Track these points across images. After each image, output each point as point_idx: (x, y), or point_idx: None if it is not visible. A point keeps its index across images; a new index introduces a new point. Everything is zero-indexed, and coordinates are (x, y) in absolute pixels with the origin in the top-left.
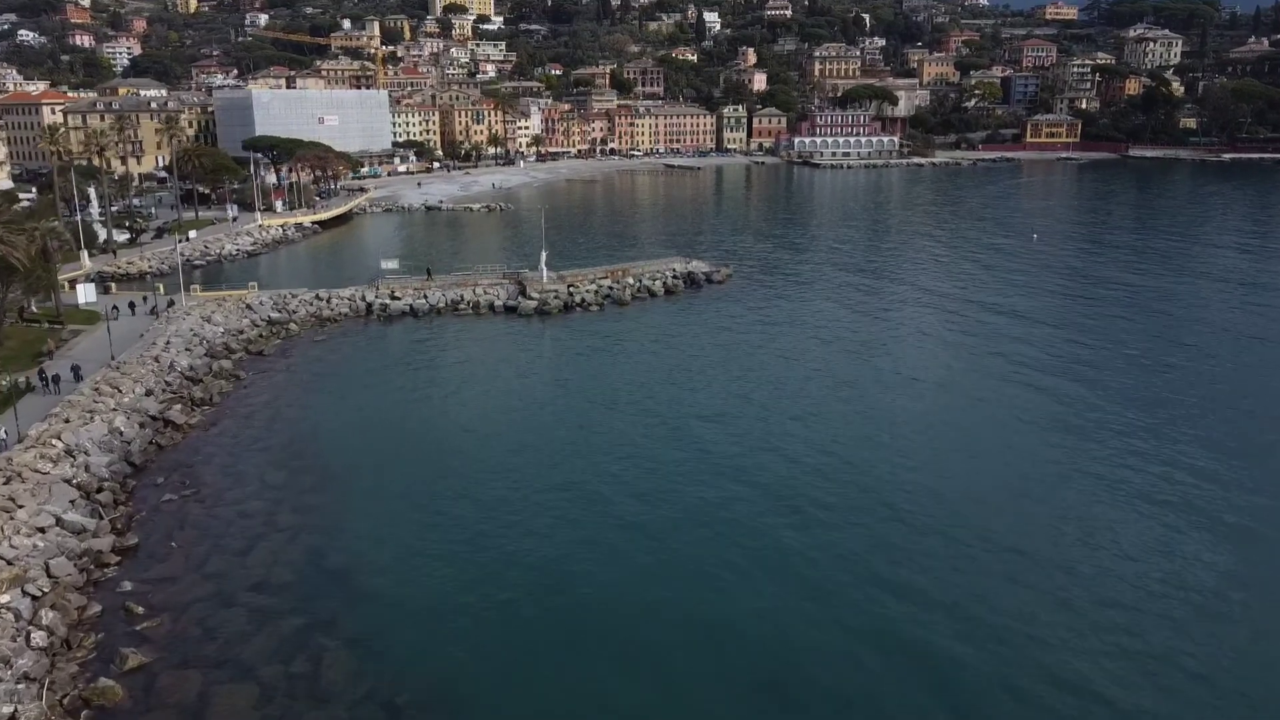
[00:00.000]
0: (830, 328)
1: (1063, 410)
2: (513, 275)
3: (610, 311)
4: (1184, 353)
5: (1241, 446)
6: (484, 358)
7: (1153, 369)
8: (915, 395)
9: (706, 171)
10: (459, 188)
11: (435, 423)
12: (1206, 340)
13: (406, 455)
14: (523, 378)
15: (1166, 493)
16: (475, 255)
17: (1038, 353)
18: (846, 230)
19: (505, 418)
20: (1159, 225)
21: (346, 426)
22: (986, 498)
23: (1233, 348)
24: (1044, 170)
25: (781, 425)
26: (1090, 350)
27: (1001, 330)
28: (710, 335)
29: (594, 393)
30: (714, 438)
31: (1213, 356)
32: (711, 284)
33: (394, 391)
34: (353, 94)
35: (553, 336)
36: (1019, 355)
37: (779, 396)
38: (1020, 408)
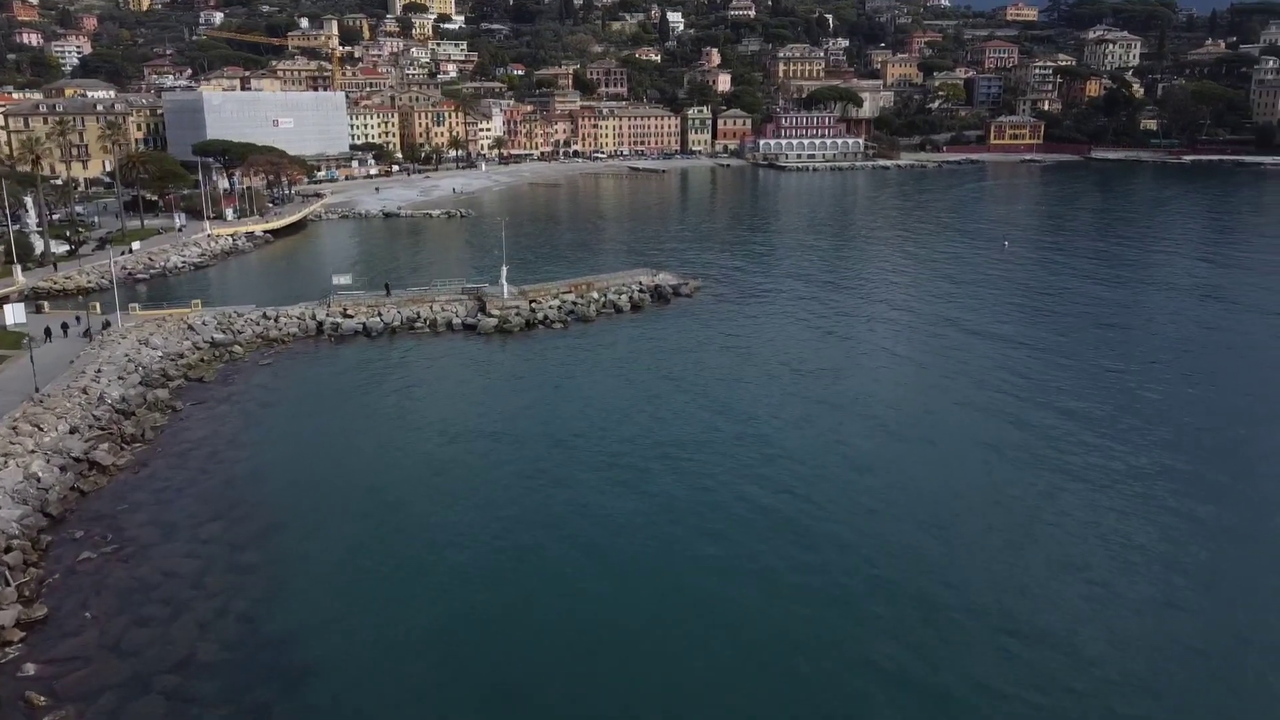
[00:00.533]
0: (802, 349)
1: (1042, 441)
2: (472, 291)
3: (575, 329)
4: (1167, 377)
5: (1214, 454)
6: (441, 383)
7: (1138, 391)
8: (892, 427)
9: (671, 174)
10: (418, 192)
11: (388, 459)
12: (1188, 360)
13: (356, 498)
14: (481, 406)
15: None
16: (434, 267)
17: (1020, 379)
18: (815, 239)
19: (463, 452)
20: (1127, 233)
21: (291, 465)
22: (963, 511)
23: (1210, 362)
24: (1009, 172)
25: (751, 458)
26: (1075, 375)
27: (979, 351)
28: (678, 356)
29: (558, 422)
30: (681, 470)
31: (1193, 375)
32: (679, 297)
33: (343, 423)
34: (309, 95)
35: (514, 357)
36: (999, 381)
37: (750, 424)
38: (1001, 438)
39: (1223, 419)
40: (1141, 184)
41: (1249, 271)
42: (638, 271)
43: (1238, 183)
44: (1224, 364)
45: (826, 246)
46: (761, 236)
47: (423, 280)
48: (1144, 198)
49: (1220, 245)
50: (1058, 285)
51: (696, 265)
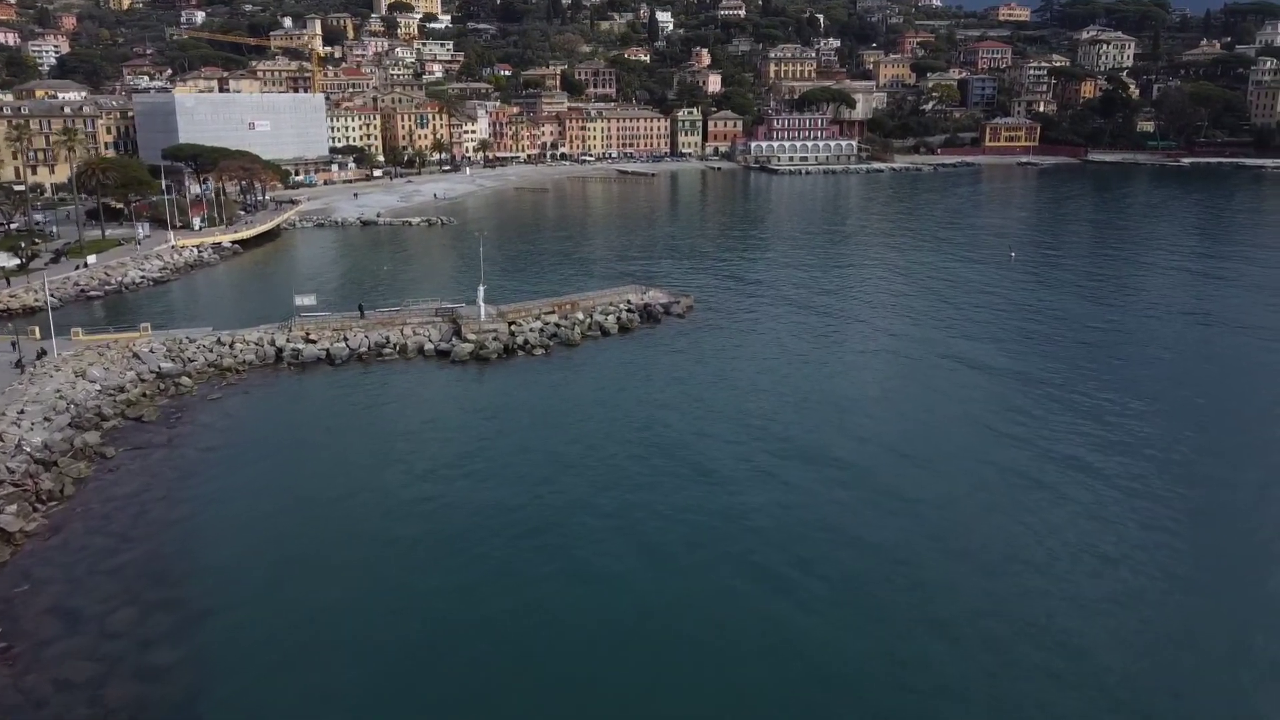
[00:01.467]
0: (800, 382)
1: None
2: (447, 312)
3: (557, 355)
4: (1182, 414)
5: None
6: (407, 421)
7: (1167, 447)
8: (899, 488)
9: (661, 178)
10: (399, 198)
11: (344, 516)
12: (1190, 385)
13: (303, 568)
14: (452, 447)
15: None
16: (409, 282)
17: (1040, 423)
18: (810, 251)
19: (429, 509)
20: (1132, 245)
21: (230, 527)
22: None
23: (1211, 384)
24: (1004, 176)
25: (749, 528)
26: (1105, 426)
27: (991, 387)
28: (670, 387)
29: (536, 468)
30: (675, 530)
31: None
32: (670, 317)
33: (295, 471)
34: (286, 97)
35: (489, 391)
36: (1016, 426)
37: (748, 479)
38: (1016, 491)
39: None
40: (1140, 189)
41: (1255, 290)
42: (626, 288)
43: (1237, 187)
44: (1227, 386)
45: (823, 260)
46: (755, 247)
47: (396, 298)
48: (1144, 204)
49: (1227, 259)
50: (1069, 308)
51: (688, 279)
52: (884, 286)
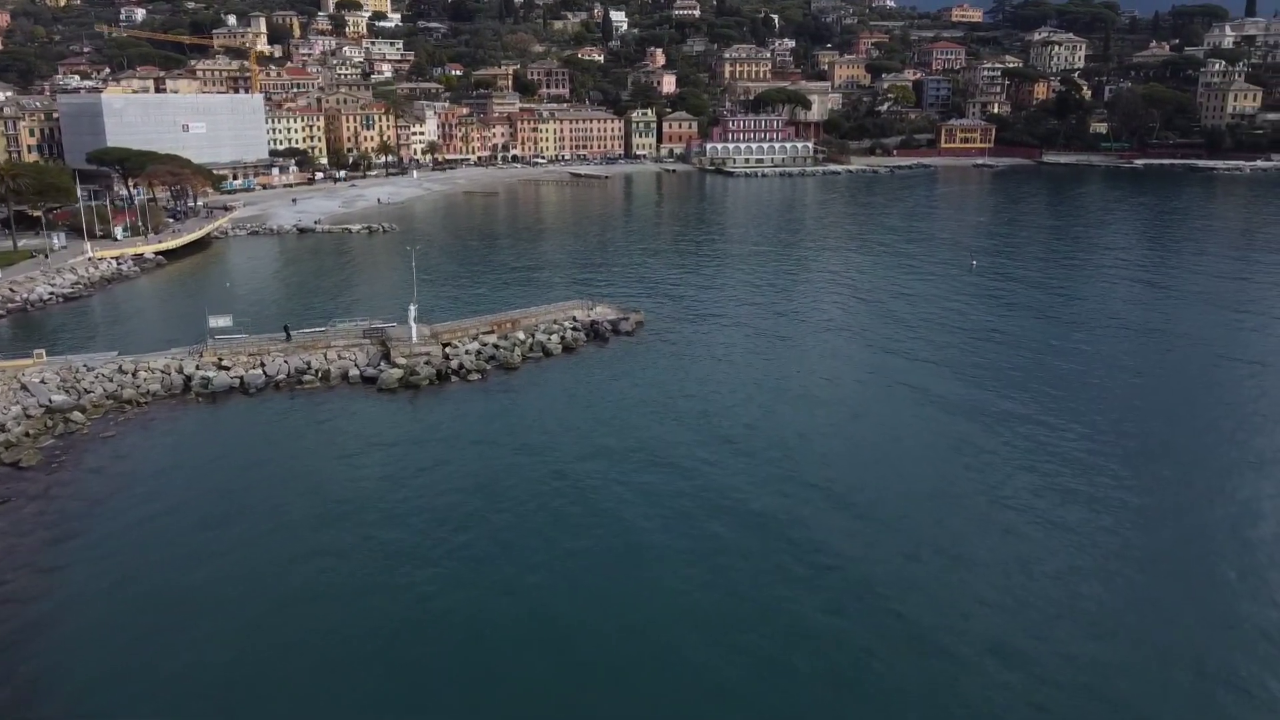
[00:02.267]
0: (756, 408)
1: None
2: (376, 333)
3: (495, 380)
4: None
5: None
6: (322, 460)
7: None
8: (859, 539)
9: (615, 181)
10: (340, 203)
11: (241, 584)
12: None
13: (190, 655)
14: (368, 489)
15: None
16: (342, 298)
17: (1014, 450)
18: (769, 260)
19: (341, 580)
20: (1092, 250)
21: (103, 606)
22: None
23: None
24: (961, 178)
25: (699, 585)
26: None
27: (957, 409)
28: (612, 419)
29: (459, 513)
30: (618, 593)
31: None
32: (619, 335)
33: (188, 526)
34: (223, 98)
35: (417, 423)
36: (982, 452)
37: (678, 531)
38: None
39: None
40: (1095, 191)
41: (1206, 302)
42: (572, 304)
43: (1189, 189)
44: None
45: (779, 271)
46: (710, 257)
47: (325, 317)
48: (1099, 207)
49: (1180, 268)
50: (1031, 325)
51: (640, 290)
52: (844, 302)
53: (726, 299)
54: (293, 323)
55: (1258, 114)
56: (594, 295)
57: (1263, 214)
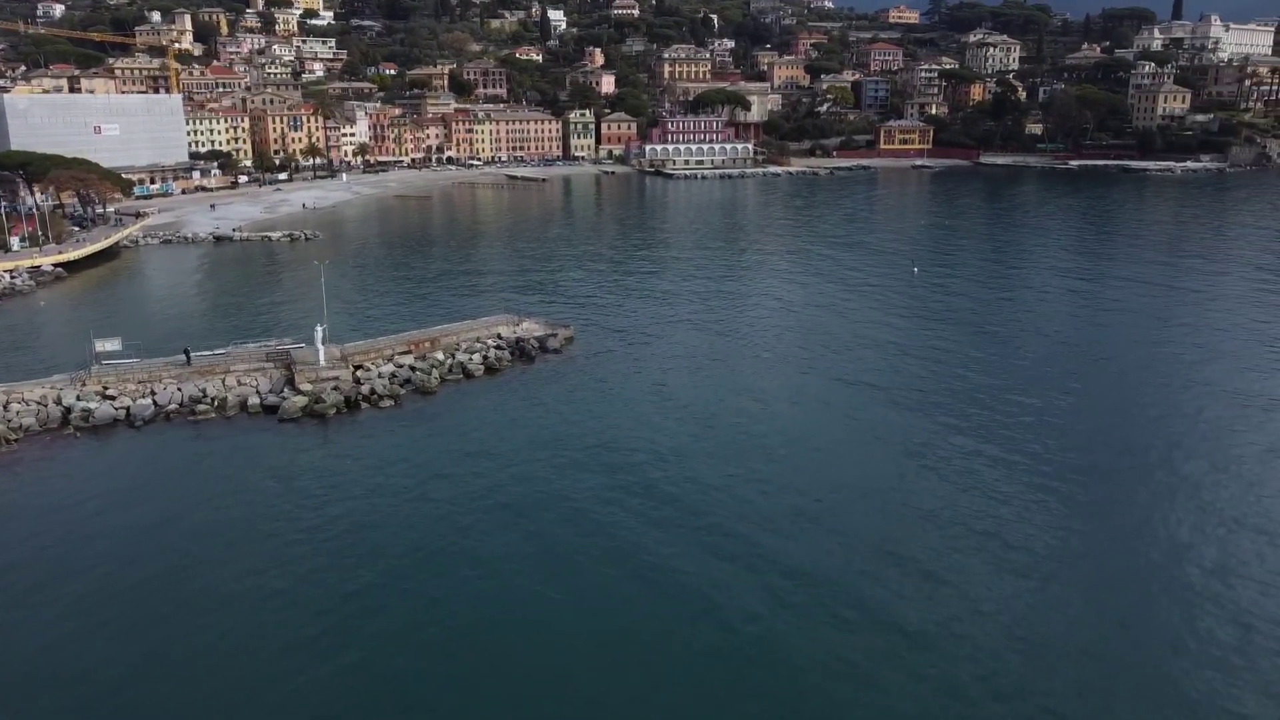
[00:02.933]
0: (687, 438)
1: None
2: (280, 356)
3: (409, 405)
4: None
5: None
6: (204, 507)
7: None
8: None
9: (553, 183)
10: (263, 209)
11: (78, 669)
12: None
13: None
14: (251, 542)
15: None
16: (251, 314)
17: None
18: (707, 268)
19: (218, 644)
20: (1030, 256)
21: None
22: None
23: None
24: (900, 179)
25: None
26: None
27: (903, 423)
28: (537, 450)
29: (353, 569)
30: (532, 656)
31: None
32: (547, 354)
33: (44, 599)
34: (139, 99)
35: (319, 458)
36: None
37: (626, 575)
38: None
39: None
40: (1031, 193)
41: (1139, 284)
42: (497, 319)
43: (1122, 190)
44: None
45: (717, 279)
46: (646, 264)
47: (232, 335)
48: (1036, 210)
49: (1119, 259)
50: (975, 345)
51: (573, 302)
52: (782, 318)
53: (660, 312)
54: (196, 343)
55: (1187, 115)
56: (523, 309)
57: (1193, 216)
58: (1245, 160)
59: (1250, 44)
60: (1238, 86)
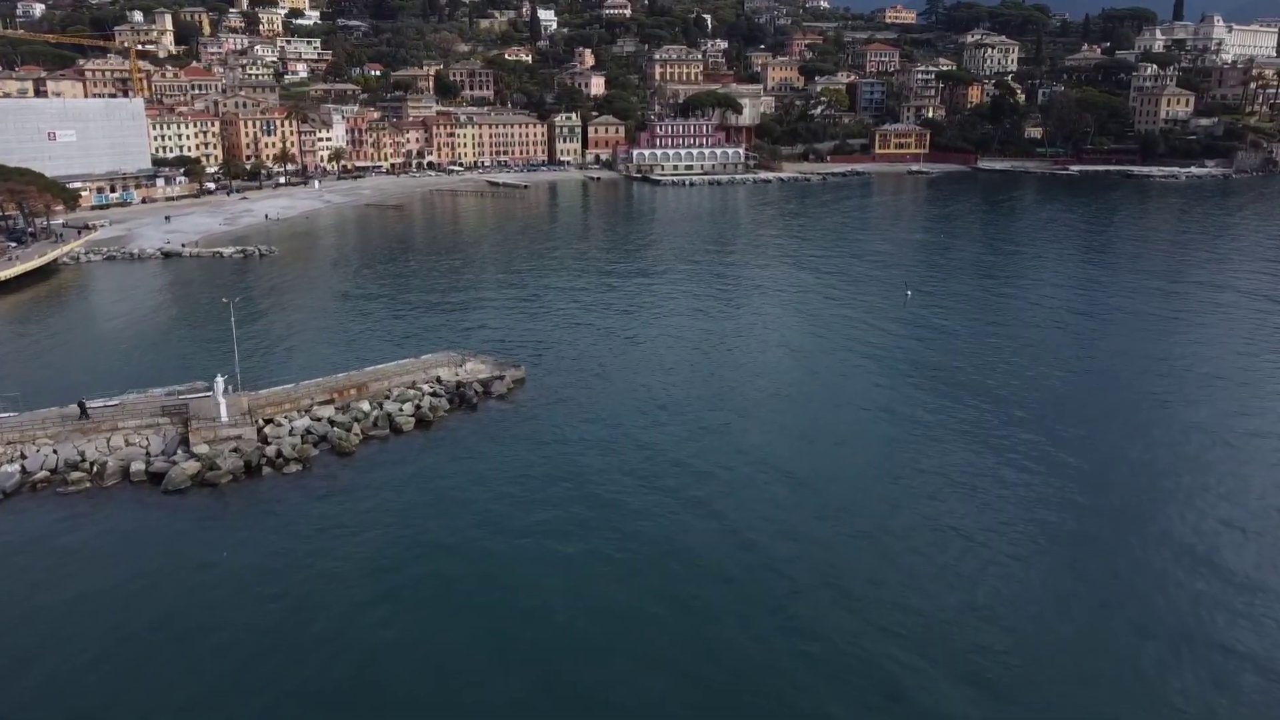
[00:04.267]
0: (648, 524)
1: None
2: (177, 409)
3: (320, 471)
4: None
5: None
6: (71, 629)
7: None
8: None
9: (536, 190)
10: (222, 220)
11: None
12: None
13: None
14: (106, 660)
15: None
16: (167, 350)
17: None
18: (684, 293)
19: None
20: (1028, 273)
21: None
22: None
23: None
24: (895, 186)
25: None
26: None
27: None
28: (452, 545)
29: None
30: None
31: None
32: (491, 399)
33: None
34: (97, 103)
35: (202, 545)
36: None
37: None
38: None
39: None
40: (1030, 202)
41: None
42: (439, 358)
43: (1125, 199)
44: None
45: (697, 308)
46: (621, 286)
47: (138, 377)
48: (1035, 220)
49: (1119, 291)
50: (972, 377)
51: (532, 335)
52: (763, 360)
53: (626, 348)
54: (103, 385)
55: (1190, 119)
56: (473, 343)
57: (1200, 229)
58: (1251, 165)
59: (1254, 45)
60: (1242, 89)
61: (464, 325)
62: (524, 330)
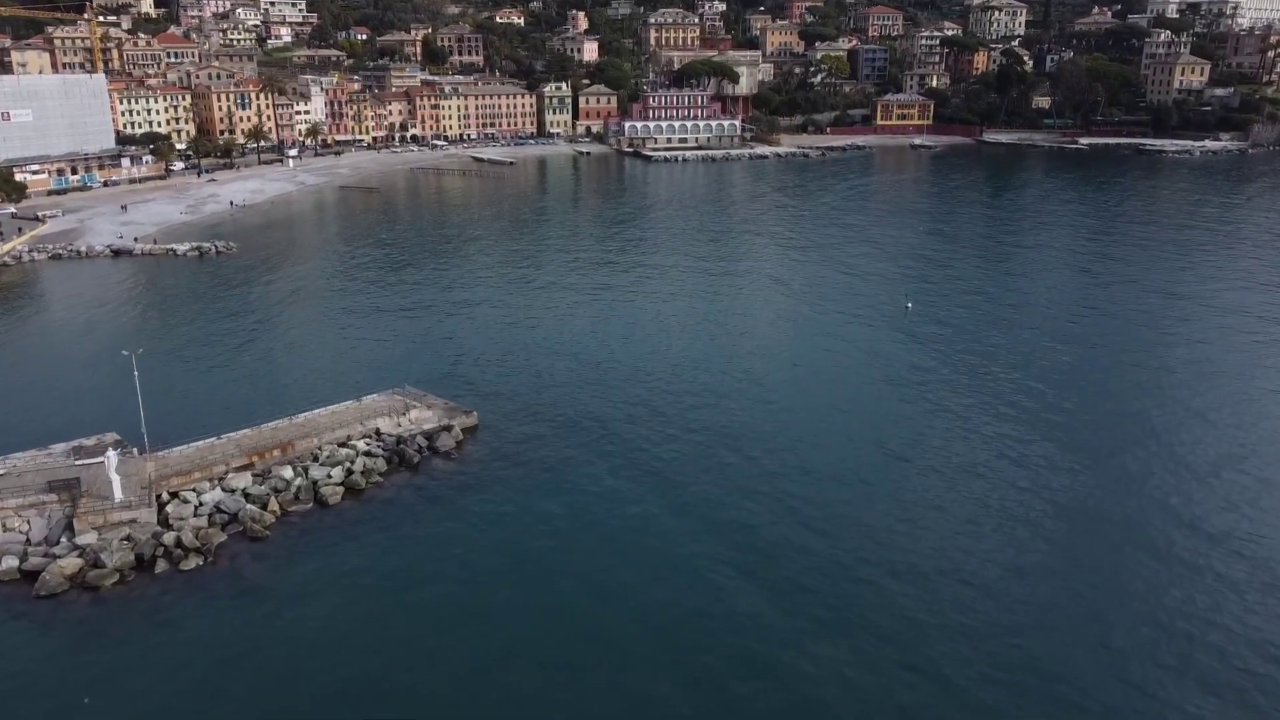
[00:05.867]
0: (621, 623)
1: None
2: (66, 484)
3: (227, 564)
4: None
5: None
6: None
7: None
8: None
9: (523, 167)
10: (184, 208)
11: None
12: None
13: None
14: None
15: None
16: (93, 383)
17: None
18: (667, 298)
19: None
20: (1033, 269)
21: None
22: None
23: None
24: (896, 163)
25: None
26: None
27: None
28: (391, 664)
29: None
30: None
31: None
32: (436, 458)
33: None
34: (54, 80)
35: (61, 688)
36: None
37: None
38: None
39: None
40: (1037, 179)
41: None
42: (380, 402)
43: (1136, 178)
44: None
45: (679, 323)
46: (600, 293)
47: (42, 429)
48: (1040, 207)
49: (1126, 302)
50: (976, 404)
51: (489, 362)
52: (751, 393)
53: (600, 379)
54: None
55: (1205, 89)
56: (431, 367)
57: (1220, 215)
58: (1268, 140)
59: (1271, 9)
60: (1260, 58)
61: (425, 340)
62: (484, 356)
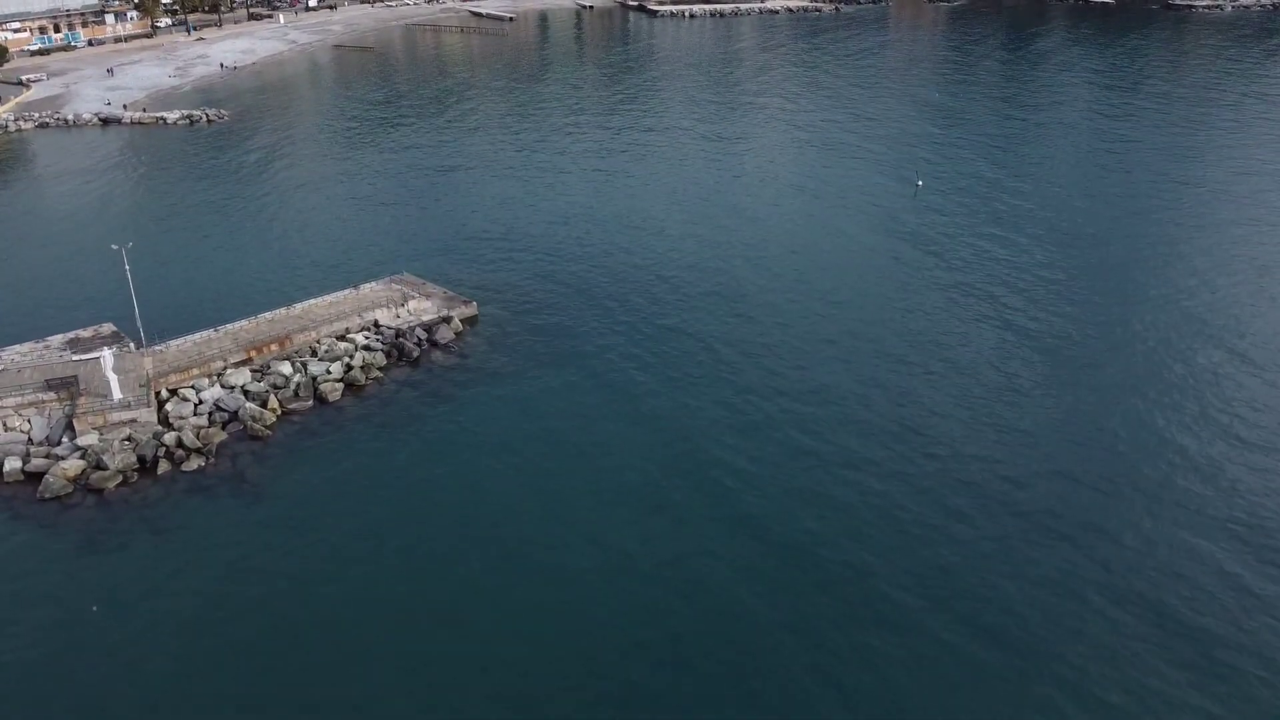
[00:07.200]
0: (625, 529)
1: None
2: (64, 383)
3: (228, 465)
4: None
5: None
6: None
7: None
8: None
9: (524, 24)
10: (173, 70)
11: None
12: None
13: None
14: None
15: None
16: (88, 269)
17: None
18: (670, 171)
19: None
20: (1052, 146)
21: None
22: None
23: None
24: (913, 19)
25: None
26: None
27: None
28: (394, 570)
29: None
30: None
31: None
32: (436, 350)
33: None
34: None
35: (70, 594)
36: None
37: None
38: None
39: None
40: (1059, 40)
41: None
42: (378, 291)
43: (1161, 38)
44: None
45: (681, 204)
46: (604, 165)
47: (31, 315)
48: (1060, 74)
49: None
50: (986, 291)
51: (488, 240)
52: (760, 283)
53: (597, 262)
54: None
55: None
56: (432, 247)
57: (1252, 88)
58: None
59: None
60: None
61: (423, 218)
62: (485, 235)
